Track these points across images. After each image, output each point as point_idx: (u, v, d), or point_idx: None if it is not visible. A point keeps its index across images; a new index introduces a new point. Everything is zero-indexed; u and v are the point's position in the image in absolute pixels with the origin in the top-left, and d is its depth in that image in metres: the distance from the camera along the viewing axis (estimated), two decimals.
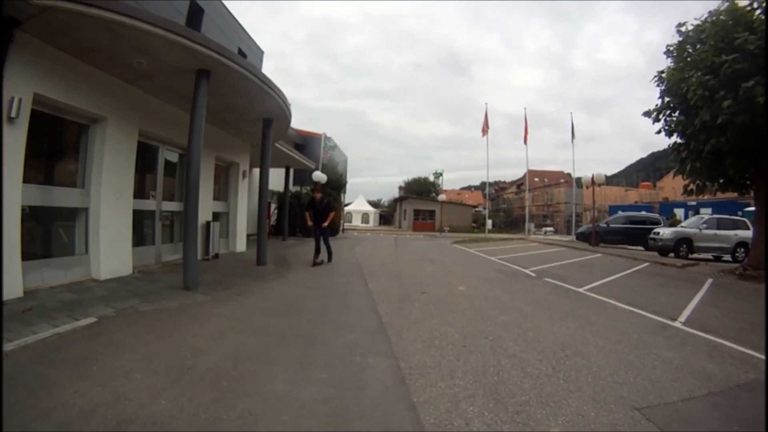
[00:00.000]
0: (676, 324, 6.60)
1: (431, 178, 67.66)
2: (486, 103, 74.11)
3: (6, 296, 5.89)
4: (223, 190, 14.71)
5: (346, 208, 43.24)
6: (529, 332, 5.89)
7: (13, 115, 5.94)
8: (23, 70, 6.19)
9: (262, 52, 21.24)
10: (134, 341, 4.85)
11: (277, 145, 15.33)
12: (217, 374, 4.04)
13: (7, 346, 4.33)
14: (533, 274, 11.80)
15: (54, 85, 6.76)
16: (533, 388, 4.00)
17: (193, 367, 4.20)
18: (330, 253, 12.99)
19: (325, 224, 12.42)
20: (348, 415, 3.36)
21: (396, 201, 65.21)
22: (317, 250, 12.44)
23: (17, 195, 6.18)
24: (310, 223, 12.47)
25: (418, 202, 52.60)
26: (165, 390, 3.66)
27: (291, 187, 23.84)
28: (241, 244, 15.11)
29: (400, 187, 71.12)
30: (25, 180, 6.40)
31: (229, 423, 3.16)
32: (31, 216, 6.83)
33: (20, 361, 4.11)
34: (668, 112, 13.57)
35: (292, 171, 23.61)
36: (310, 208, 12.58)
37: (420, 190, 64.27)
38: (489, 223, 45.50)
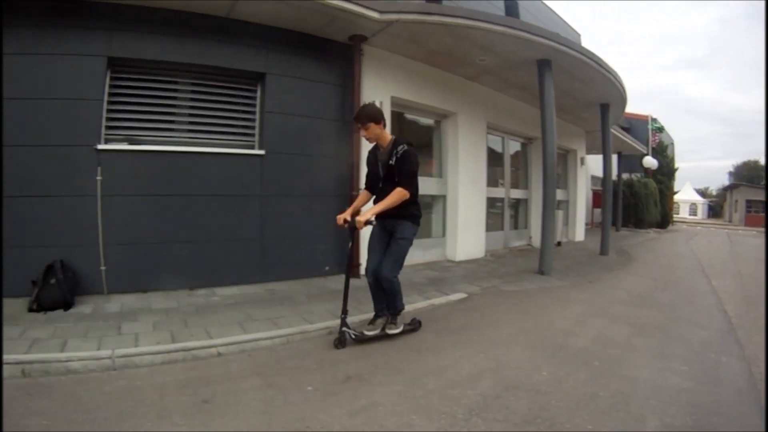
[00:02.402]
0: None
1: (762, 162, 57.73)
2: None
3: None
4: (562, 178, 14.56)
5: (675, 197, 38.86)
6: None
7: None
8: (378, 77, 7.14)
9: (579, 35, 20.62)
10: (506, 317, 5.17)
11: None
12: (588, 355, 4.06)
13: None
14: None
15: (406, 87, 7.64)
16: None
17: (564, 345, 4.30)
18: (396, 305, 4.43)
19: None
20: (706, 409, 3.15)
21: (725, 189, 56.02)
22: (374, 292, 4.53)
23: None
24: (344, 217, 4.41)
25: (750, 191, 44.11)
26: (543, 363, 3.79)
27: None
28: (579, 233, 14.81)
29: (730, 173, 62.55)
30: None
31: (605, 400, 3.16)
32: None
33: None
34: None
35: (618, 157, 22.25)
36: (369, 172, 4.75)
37: (750, 176, 55.21)
38: None
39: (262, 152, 6.19)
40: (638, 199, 21.98)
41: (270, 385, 3.23)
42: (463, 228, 8.68)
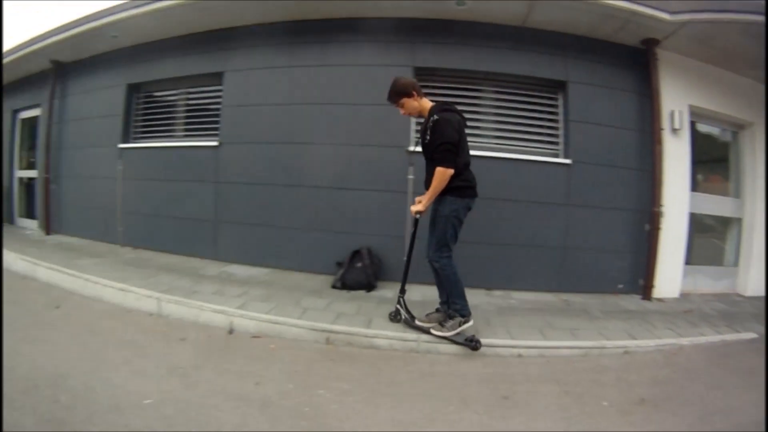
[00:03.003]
0: None
1: None
2: None
3: (664, 294, 6.46)
4: None
5: None
6: None
7: (676, 126, 6.51)
8: (674, 83, 6.66)
9: None
10: None
11: None
12: None
13: (681, 341, 4.71)
14: None
15: (702, 94, 7.00)
16: None
17: None
18: (455, 303, 4.24)
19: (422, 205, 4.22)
20: None
21: None
22: (436, 280, 4.51)
23: (685, 202, 6.70)
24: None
25: None
26: None
27: None
28: None
29: None
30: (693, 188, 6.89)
31: None
32: (695, 224, 7.16)
33: (694, 358, 4.43)
34: None
35: None
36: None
37: None
38: None
39: (568, 161, 6.25)
40: None
41: (567, 393, 3.36)
42: (758, 259, 7.48)
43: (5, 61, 9.83)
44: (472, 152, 5.88)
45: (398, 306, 4.50)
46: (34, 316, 4.87)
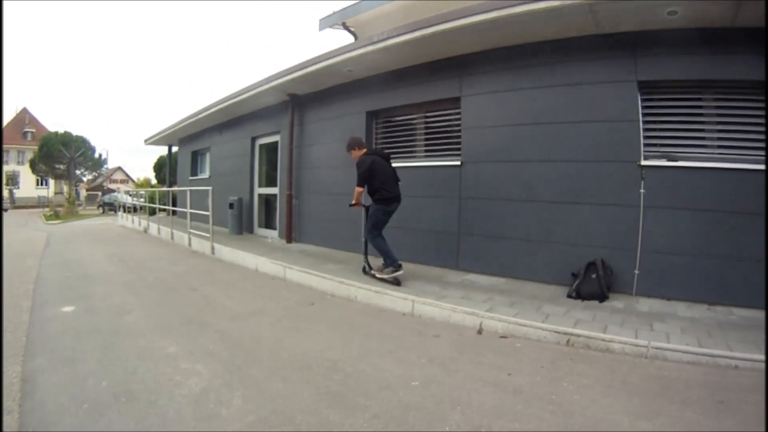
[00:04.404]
0: None
1: None
2: None
3: None
4: None
5: None
6: None
7: None
8: None
9: None
10: None
11: None
12: None
13: None
14: None
15: None
16: None
17: None
18: (386, 261, 7.08)
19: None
20: None
21: None
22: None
23: None
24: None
25: None
26: None
27: None
28: None
29: None
30: None
31: None
32: None
33: None
34: None
35: None
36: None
37: None
38: None
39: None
40: None
41: None
42: None
43: (246, 96, 12.01)
44: (696, 164, 6.20)
45: (365, 264, 7.51)
46: (291, 311, 6.22)
